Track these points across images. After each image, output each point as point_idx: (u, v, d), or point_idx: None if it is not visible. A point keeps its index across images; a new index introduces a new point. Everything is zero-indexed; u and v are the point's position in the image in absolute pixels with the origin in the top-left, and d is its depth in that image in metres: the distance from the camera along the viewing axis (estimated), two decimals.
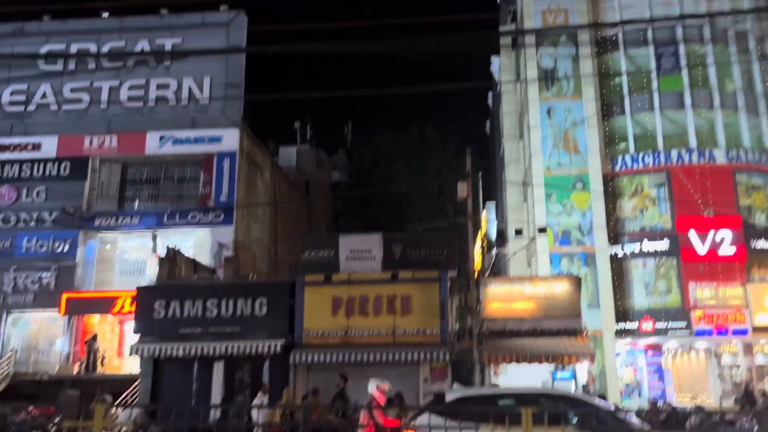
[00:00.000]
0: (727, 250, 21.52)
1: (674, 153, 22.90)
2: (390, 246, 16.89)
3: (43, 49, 24.08)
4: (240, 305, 16.84)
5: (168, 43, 24.03)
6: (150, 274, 22.20)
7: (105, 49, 24.00)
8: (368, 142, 39.20)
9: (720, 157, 22.76)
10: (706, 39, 23.53)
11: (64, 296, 22.54)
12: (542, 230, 20.66)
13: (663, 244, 22.32)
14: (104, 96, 24.19)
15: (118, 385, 19.75)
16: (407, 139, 36.01)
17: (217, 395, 16.36)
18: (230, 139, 23.96)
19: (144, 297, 17.33)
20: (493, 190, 34.98)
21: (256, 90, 25.72)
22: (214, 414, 15.38)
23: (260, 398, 14.12)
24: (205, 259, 22.11)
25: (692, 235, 21.80)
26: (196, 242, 23.30)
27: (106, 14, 23.39)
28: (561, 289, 17.33)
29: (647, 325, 21.61)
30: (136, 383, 18.60)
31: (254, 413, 13.54)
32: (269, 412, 12.81)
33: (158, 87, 24.22)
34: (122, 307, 22.33)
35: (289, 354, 15.99)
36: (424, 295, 16.12)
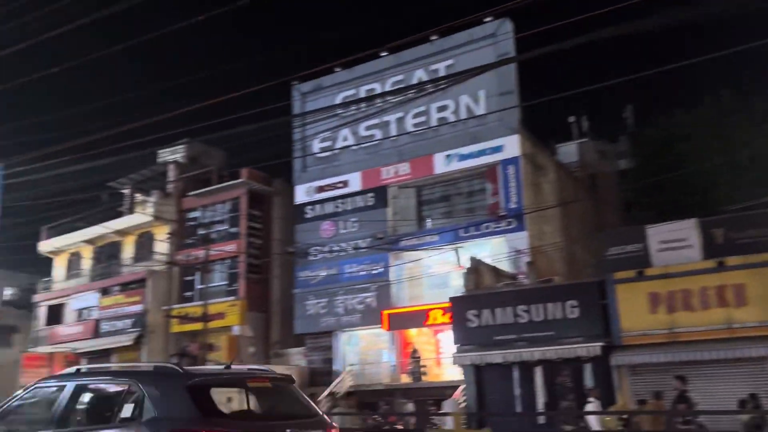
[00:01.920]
0: None
1: None
2: (708, 231, 15.24)
3: (338, 98, 27.36)
4: (550, 309, 16.74)
5: (441, 67, 25.42)
6: (454, 285, 23.39)
7: (388, 85, 26.36)
8: (653, 122, 36.08)
9: None
10: None
11: (385, 313, 24.98)
12: None
13: None
14: (393, 128, 26.52)
15: (441, 392, 21.22)
16: (700, 113, 32.28)
17: (540, 401, 16.43)
18: (511, 146, 24.23)
19: (457, 307, 18.31)
20: None
21: (529, 92, 25.76)
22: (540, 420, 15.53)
23: (594, 404, 13.64)
24: (503, 266, 22.55)
25: None
26: (492, 251, 23.90)
27: (384, 54, 25.61)
28: None
29: None
30: (458, 389, 19.68)
31: (590, 420, 13.23)
32: (607, 418, 12.41)
33: (438, 110, 25.72)
34: (434, 319, 23.93)
35: (608, 356, 15.39)
36: (762, 282, 14.12)
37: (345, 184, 27.55)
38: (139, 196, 32.16)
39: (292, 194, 29.05)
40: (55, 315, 32.71)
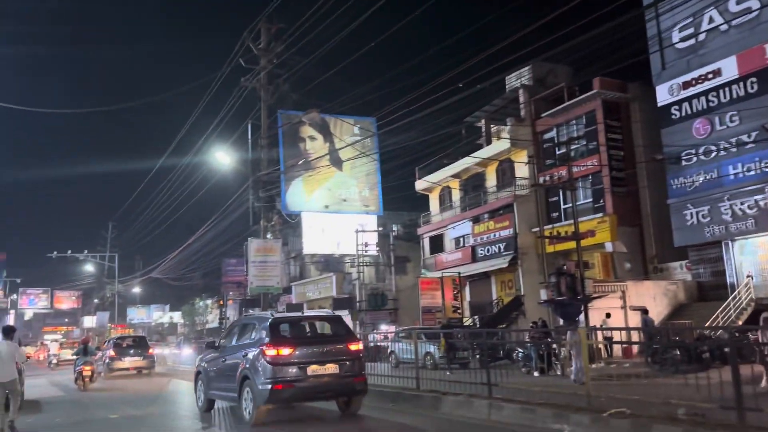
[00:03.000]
0: None
1: None
2: None
3: None
4: None
5: None
6: None
7: None
8: None
9: None
10: None
11: None
12: None
13: None
14: None
15: None
16: None
17: None
18: None
19: None
20: None
21: None
22: None
23: None
24: None
25: None
26: None
27: None
28: None
29: None
30: None
31: None
32: None
33: None
34: None
35: None
36: None
37: (717, 73, 23.89)
38: (494, 127, 33.34)
39: (652, 97, 26.46)
40: (437, 244, 36.53)
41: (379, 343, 22.11)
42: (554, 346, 17.48)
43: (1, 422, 9.92)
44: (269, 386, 9.44)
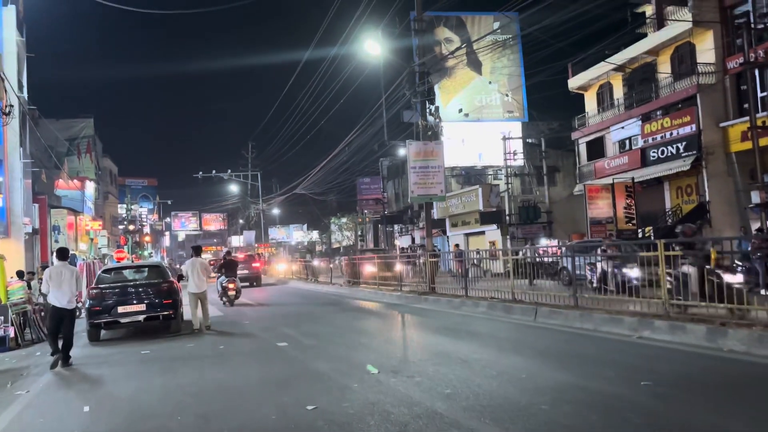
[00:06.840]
0: None
1: None
2: None
3: None
4: None
5: None
6: None
7: None
8: None
9: None
10: None
11: None
12: None
13: None
14: None
15: None
16: None
17: None
18: None
19: None
20: None
21: None
22: None
23: None
24: None
25: None
26: None
27: None
28: None
29: None
30: None
31: None
32: None
33: None
34: None
35: None
36: None
37: None
38: (668, 8, 28.35)
39: None
40: (595, 149, 32.74)
41: (544, 259, 19.35)
42: None
43: (196, 322, 12.92)
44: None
